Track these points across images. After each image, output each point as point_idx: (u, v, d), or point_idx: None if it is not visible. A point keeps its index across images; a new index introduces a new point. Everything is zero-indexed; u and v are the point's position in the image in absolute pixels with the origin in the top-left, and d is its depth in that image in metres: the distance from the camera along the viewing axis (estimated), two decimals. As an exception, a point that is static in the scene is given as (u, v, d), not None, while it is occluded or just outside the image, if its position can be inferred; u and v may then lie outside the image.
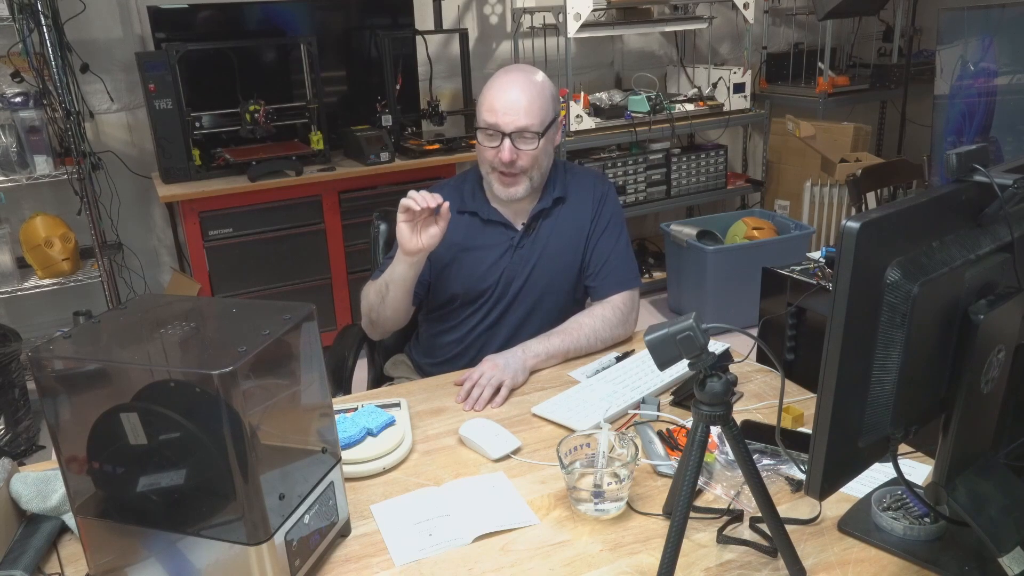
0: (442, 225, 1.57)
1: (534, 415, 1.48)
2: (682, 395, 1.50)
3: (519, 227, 1.78)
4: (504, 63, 3.93)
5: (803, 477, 1.17)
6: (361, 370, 1.96)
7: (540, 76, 1.70)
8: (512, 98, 1.63)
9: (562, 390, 1.54)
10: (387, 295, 1.69)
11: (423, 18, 3.65)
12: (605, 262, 1.78)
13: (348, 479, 1.25)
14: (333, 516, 1.11)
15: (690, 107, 3.93)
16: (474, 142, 1.77)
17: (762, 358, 1.76)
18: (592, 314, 1.74)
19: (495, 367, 1.56)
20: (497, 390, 1.53)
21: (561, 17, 3.53)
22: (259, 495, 0.94)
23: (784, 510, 1.13)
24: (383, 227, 1.97)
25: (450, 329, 1.83)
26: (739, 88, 3.99)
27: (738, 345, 1.39)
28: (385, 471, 1.32)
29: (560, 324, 1.73)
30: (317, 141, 3.34)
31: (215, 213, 3.13)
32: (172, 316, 1.06)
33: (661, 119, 3.81)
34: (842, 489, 1.06)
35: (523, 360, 1.62)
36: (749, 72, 4.02)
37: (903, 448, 1.26)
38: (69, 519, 1.17)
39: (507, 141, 1.63)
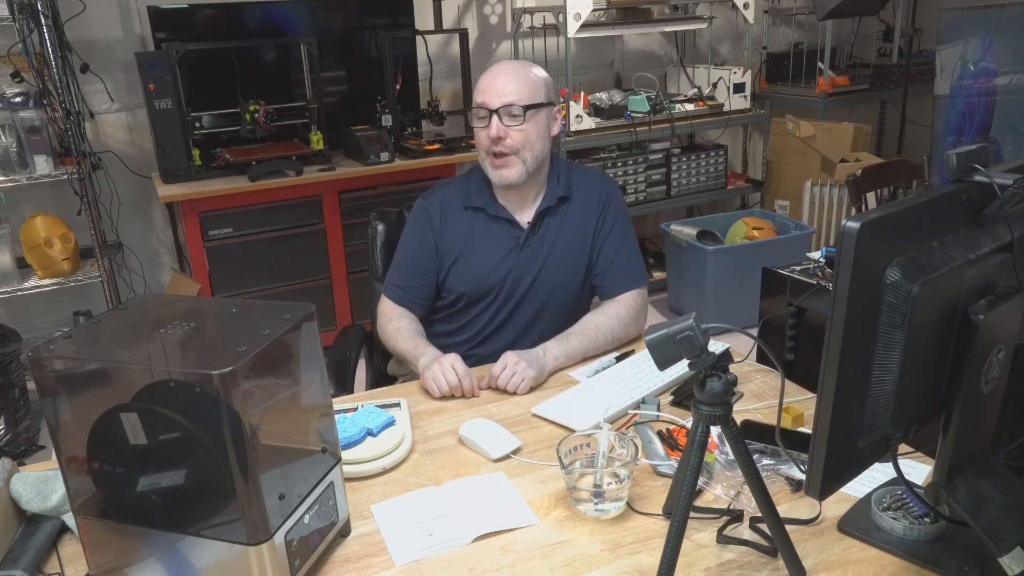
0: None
1: (534, 415, 1.48)
2: (682, 395, 1.50)
3: (525, 225, 1.78)
4: (504, 63, 3.94)
5: (803, 477, 1.17)
6: (361, 370, 1.95)
7: (531, 64, 1.74)
8: (499, 78, 1.68)
9: (562, 390, 1.54)
10: (396, 352, 1.77)
11: (423, 18, 3.65)
12: (613, 261, 1.79)
13: (348, 479, 1.25)
14: (333, 516, 1.11)
15: (690, 107, 3.93)
16: (474, 142, 1.78)
17: (762, 358, 1.76)
18: (607, 313, 1.74)
19: (522, 362, 1.56)
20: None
21: (561, 17, 3.53)
22: (259, 495, 0.94)
23: (784, 510, 1.13)
24: (381, 227, 1.97)
25: (457, 330, 1.83)
26: (739, 88, 3.99)
27: (738, 345, 1.39)
28: (385, 471, 1.32)
29: (568, 324, 1.72)
30: (317, 141, 3.34)
31: (215, 213, 3.13)
32: (172, 316, 1.06)
33: (661, 119, 3.81)
34: (842, 489, 1.06)
35: (544, 362, 1.61)
36: (749, 72, 4.02)
37: (903, 448, 1.25)
38: (69, 519, 1.17)
39: (494, 118, 1.66)
